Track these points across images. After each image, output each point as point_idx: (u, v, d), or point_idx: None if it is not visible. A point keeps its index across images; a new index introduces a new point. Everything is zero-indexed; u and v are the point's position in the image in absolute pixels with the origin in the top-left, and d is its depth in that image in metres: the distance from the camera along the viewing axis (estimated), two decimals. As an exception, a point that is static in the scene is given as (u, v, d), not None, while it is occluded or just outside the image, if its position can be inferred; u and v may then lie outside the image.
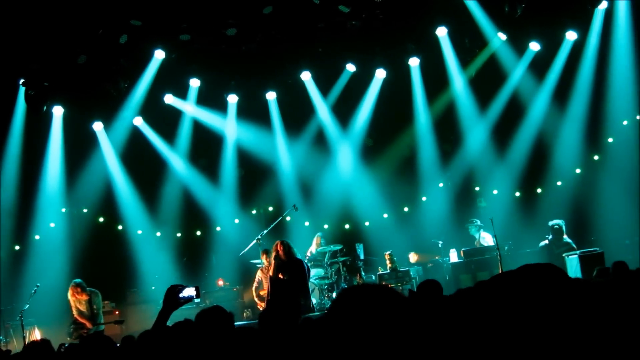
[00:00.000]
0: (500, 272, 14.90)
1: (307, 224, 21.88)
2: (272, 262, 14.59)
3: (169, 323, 5.93)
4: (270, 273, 14.61)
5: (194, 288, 5.92)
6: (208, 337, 6.03)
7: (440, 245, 19.42)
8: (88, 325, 15.08)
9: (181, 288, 5.83)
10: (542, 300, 3.07)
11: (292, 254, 14.71)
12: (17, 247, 20.35)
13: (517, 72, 20.23)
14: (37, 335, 16.67)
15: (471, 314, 5.08)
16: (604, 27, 19.02)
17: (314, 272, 18.03)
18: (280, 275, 14.29)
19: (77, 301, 15.23)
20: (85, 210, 21.58)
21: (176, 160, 21.41)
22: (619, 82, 19.42)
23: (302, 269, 14.71)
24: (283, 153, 22.00)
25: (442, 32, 19.22)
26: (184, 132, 21.15)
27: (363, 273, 18.18)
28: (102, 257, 20.66)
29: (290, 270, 14.26)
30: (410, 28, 18.95)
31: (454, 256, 18.45)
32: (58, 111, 19.17)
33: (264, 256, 17.13)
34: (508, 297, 3.21)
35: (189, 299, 5.88)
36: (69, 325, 15.41)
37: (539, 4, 17.45)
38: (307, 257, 18.31)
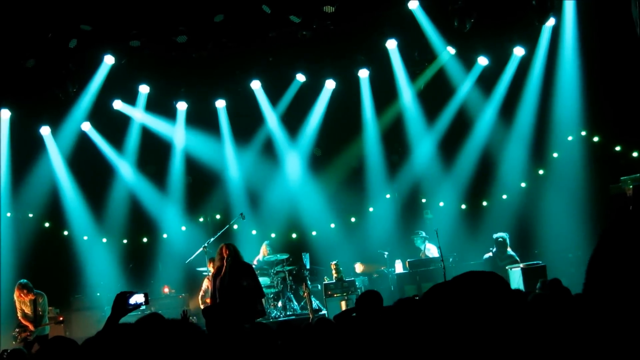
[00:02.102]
0: (444, 283, 15.07)
1: (254, 232, 21.85)
2: (220, 265, 13.99)
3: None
4: (212, 277, 14.21)
5: (142, 294, 5.91)
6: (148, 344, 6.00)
7: (385, 256, 19.47)
8: (31, 327, 14.91)
9: (130, 294, 5.82)
10: (482, 309, 3.15)
11: (240, 257, 14.35)
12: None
13: (465, 86, 20.46)
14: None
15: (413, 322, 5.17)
16: (550, 43, 19.31)
17: (260, 281, 18.02)
18: (244, 280, 13.78)
19: (22, 302, 15.08)
20: (30, 215, 21.34)
21: (124, 166, 21.28)
22: (564, 98, 19.71)
23: (255, 273, 14.48)
24: (231, 161, 21.97)
25: (391, 44, 19.38)
26: (133, 138, 21.03)
27: (309, 282, 18.21)
28: (47, 262, 20.39)
29: (244, 274, 13.96)
30: (360, 40, 19.10)
31: (399, 267, 18.57)
32: (5, 115, 19.02)
33: (211, 265, 17.12)
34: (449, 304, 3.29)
35: (138, 306, 5.87)
36: (14, 329, 15.24)
37: (488, 20, 17.67)
38: (254, 266, 18.29)
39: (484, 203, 21.96)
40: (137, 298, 5.84)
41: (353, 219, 22.74)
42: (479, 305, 3.11)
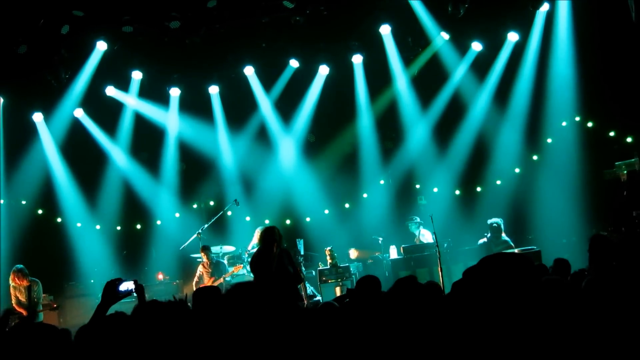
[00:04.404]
0: (439, 268, 15.06)
1: (248, 219, 21.81)
2: (264, 249, 13.51)
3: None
4: (253, 259, 13.73)
5: (132, 282, 5.91)
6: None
7: (380, 242, 19.43)
8: (24, 314, 14.92)
9: (119, 282, 5.81)
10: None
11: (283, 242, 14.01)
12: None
13: (459, 72, 20.44)
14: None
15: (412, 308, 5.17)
16: (545, 29, 19.28)
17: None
18: (290, 267, 13.39)
19: (16, 288, 15.08)
20: (24, 202, 21.29)
21: (117, 153, 21.24)
22: (558, 84, 19.70)
23: (292, 258, 14.01)
24: (225, 147, 21.94)
25: (385, 30, 19.32)
26: (125, 124, 20.98)
27: (303, 268, 18.17)
28: (41, 249, 20.35)
29: (288, 261, 13.53)
30: (354, 25, 19.06)
31: (393, 253, 18.54)
32: (-3, 101, 18.97)
33: (203, 253, 17.12)
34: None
35: (129, 293, 5.87)
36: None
37: (482, 5, 17.65)
38: (248, 252, 18.28)
39: (478, 189, 21.99)
40: (127, 285, 5.84)
41: (347, 205, 22.76)
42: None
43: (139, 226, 22.56)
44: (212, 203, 22.61)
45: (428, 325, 4.57)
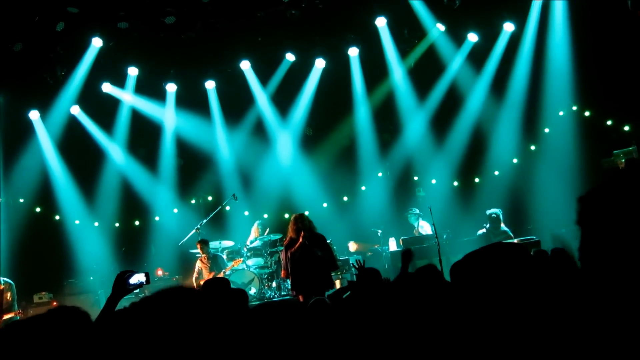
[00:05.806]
0: (439, 260, 15.02)
1: (246, 213, 21.82)
2: (295, 237, 13.67)
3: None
4: (286, 246, 13.81)
5: (143, 274, 5.84)
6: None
7: (379, 234, 19.48)
8: None
9: (130, 274, 5.75)
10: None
11: (315, 228, 14.02)
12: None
13: (456, 63, 20.42)
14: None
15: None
16: (541, 19, 19.25)
17: (254, 262, 18.03)
18: (318, 250, 13.51)
19: None
20: (21, 200, 21.25)
21: (114, 149, 21.22)
22: (555, 73, 19.65)
23: (327, 244, 14.17)
24: (222, 142, 21.95)
25: (381, 22, 19.31)
26: (122, 121, 20.95)
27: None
28: (39, 247, 20.33)
29: (319, 245, 13.68)
30: (349, 18, 19.02)
31: (393, 245, 18.55)
32: (-7, 99, 18.93)
33: (199, 246, 17.10)
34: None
35: (139, 285, 5.81)
36: None
37: (477, -4, 17.67)
38: (247, 246, 18.29)
39: (476, 180, 21.98)
40: (138, 277, 5.78)
41: (345, 198, 22.75)
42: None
43: (137, 222, 22.55)
44: (210, 198, 22.61)
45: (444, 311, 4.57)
